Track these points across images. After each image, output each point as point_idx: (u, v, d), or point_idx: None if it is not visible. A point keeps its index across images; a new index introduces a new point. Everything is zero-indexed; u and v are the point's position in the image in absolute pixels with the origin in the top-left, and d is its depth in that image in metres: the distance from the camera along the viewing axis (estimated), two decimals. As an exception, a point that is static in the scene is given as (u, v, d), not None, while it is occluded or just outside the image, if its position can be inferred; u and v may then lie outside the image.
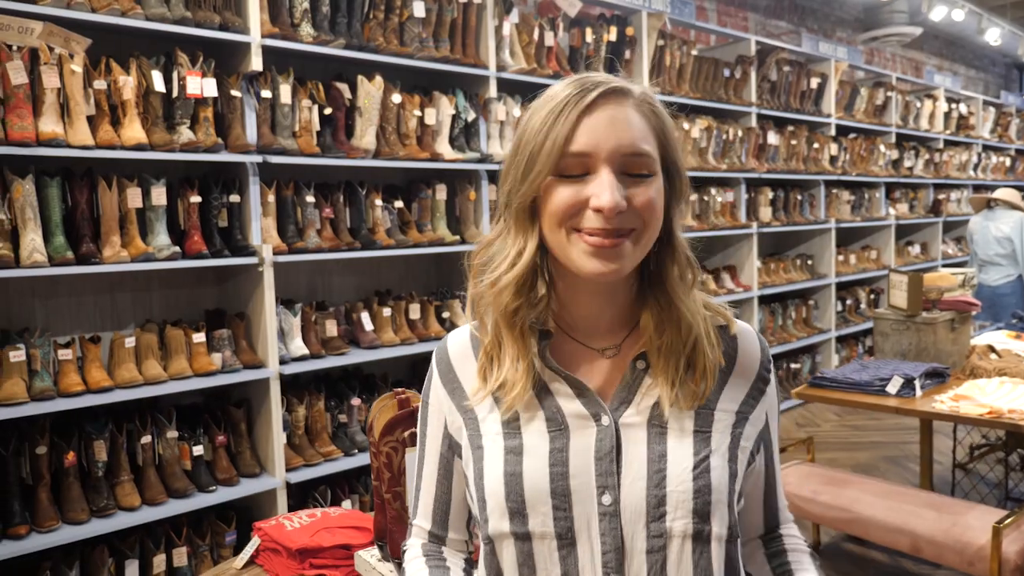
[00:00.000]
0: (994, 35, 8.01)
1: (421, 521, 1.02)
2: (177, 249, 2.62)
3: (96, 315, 2.81)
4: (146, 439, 2.64)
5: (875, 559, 3.04)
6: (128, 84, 2.50)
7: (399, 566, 1.35)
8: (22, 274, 2.33)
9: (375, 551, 1.47)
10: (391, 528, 1.38)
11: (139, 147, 2.50)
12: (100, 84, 2.46)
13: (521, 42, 3.70)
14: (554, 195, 0.83)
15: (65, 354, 2.50)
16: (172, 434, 2.69)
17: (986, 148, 8.09)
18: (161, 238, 2.63)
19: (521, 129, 0.86)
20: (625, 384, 0.88)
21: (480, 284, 0.90)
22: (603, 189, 0.80)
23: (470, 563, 1.01)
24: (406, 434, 1.36)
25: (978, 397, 2.59)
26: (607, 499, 0.83)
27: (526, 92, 3.66)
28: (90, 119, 2.45)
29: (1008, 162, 8.42)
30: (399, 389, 1.44)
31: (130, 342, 2.62)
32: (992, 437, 3.79)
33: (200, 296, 3.05)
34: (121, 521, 2.48)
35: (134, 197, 2.56)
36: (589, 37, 4.02)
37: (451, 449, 0.96)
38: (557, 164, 0.82)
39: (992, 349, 3.14)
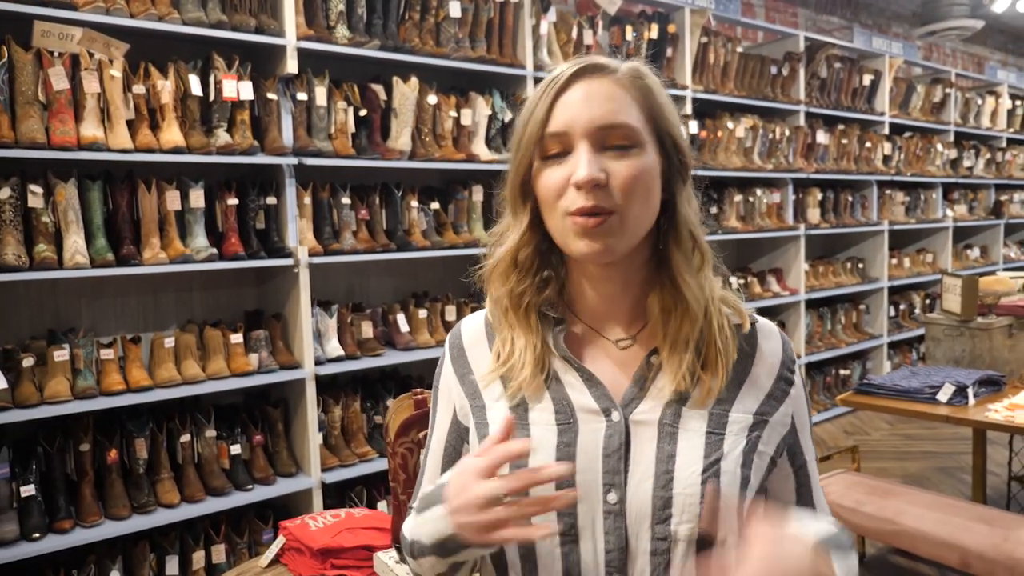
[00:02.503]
0: (1061, 28, 7.67)
1: None
2: (214, 251, 2.66)
3: (140, 316, 2.88)
4: (185, 438, 2.69)
5: (923, 573, 2.91)
6: (166, 88, 2.55)
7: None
8: (65, 275, 2.39)
9: (394, 553, 1.46)
10: (406, 531, 1.37)
11: (177, 150, 2.54)
12: (139, 88, 2.51)
13: (559, 41, 3.67)
14: (541, 178, 0.84)
15: (107, 354, 2.55)
16: (211, 433, 2.73)
17: (1053, 146, 7.74)
18: (199, 240, 2.68)
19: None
20: (638, 379, 0.86)
21: (485, 268, 0.92)
22: (579, 164, 0.80)
23: None
24: (421, 435, 1.34)
25: (1035, 406, 2.47)
26: (612, 497, 0.82)
27: (564, 92, 3.63)
28: (129, 123, 2.50)
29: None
30: (417, 389, 1.43)
31: (169, 342, 2.67)
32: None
33: (241, 297, 3.09)
34: (161, 517, 2.53)
35: (173, 200, 2.61)
36: (629, 35, 3.97)
37: (459, 437, 0.94)
38: (538, 147, 0.83)
39: (1053, 356, 3.00)
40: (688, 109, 4.14)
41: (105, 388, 2.50)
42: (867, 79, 5.41)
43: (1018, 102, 7.24)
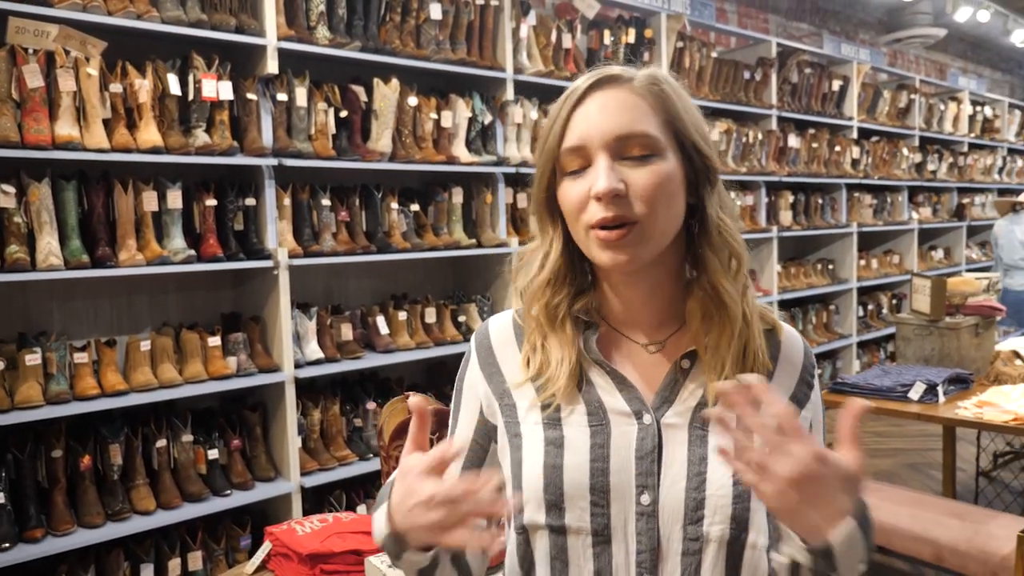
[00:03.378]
0: (1020, 36, 7.90)
1: None
2: (192, 252, 2.62)
3: (113, 318, 2.82)
4: (161, 443, 2.64)
5: (897, 568, 2.97)
6: (144, 87, 2.50)
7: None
8: (38, 277, 2.34)
9: (385, 557, 1.45)
10: (401, 535, 1.36)
11: (155, 150, 2.50)
12: (116, 87, 2.47)
13: (538, 44, 3.68)
14: (564, 193, 0.85)
15: (81, 357, 2.50)
16: (187, 438, 2.69)
17: (1011, 151, 7.95)
18: (176, 241, 2.63)
19: None
20: (668, 383, 0.87)
21: (521, 286, 0.92)
22: (598, 175, 0.80)
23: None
24: (416, 439, 1.34)
25: (1002, 404, 2.54)
26: (646, 499, 0.83)
27: (543, 95, 3.64)
28: (106, 122, 2.46)
29: (1034, 165, 8.29)
30: (409, 392, 1.43)
31: (145, 345, 2.62)
32: (1016, 444, 3.71)
33: (217, 299, 3.05)
34: (136, 525, 2.48)
35: (150, 200, 2.57)
36: (607, 39, 4.00)
37: (486, 435, 0.94)
38: (557, 163, 0.85)
39: (1017, 355, 3.07)
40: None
41: (79, 393, 2.45)
42: (836, 84, 5.52)
43: (978, 108, 7.44)
